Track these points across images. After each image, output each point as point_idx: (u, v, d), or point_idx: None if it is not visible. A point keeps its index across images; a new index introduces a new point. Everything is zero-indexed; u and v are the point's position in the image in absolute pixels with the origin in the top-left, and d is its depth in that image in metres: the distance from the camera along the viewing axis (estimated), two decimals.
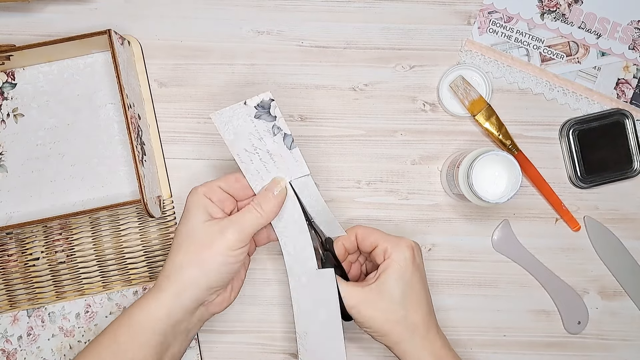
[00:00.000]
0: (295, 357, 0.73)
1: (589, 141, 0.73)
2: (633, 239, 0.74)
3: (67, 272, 0.73)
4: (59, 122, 0.72)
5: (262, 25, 0.74)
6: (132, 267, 0.73)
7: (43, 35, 0.73)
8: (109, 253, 0.73)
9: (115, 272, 0.73)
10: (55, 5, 0.73)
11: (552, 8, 0.73)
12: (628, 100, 0.74)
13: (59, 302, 0.72)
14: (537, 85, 0.74)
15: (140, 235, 0.73)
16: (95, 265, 0.73)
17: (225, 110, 0.62)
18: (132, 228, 0.73)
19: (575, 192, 0.74)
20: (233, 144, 0.62)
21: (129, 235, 0.73)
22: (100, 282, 0.73)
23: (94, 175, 0.72)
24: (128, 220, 0.73)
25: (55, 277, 0.73)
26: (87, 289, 0.73)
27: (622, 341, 0.74)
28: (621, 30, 0.73)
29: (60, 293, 0.73)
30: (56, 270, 0.72)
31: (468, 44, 0.74)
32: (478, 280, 0.74)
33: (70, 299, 0.72)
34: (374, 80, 0.74)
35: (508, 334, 0.73)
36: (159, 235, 0.73)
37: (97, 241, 0.73)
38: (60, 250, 0.73)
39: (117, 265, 0.73)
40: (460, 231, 0.74)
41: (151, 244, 0.73)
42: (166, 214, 0.73)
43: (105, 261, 0.73)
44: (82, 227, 0.73)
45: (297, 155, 0.62)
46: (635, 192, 0.74)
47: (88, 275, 0.73)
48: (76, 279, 0.73)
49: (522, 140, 0.74)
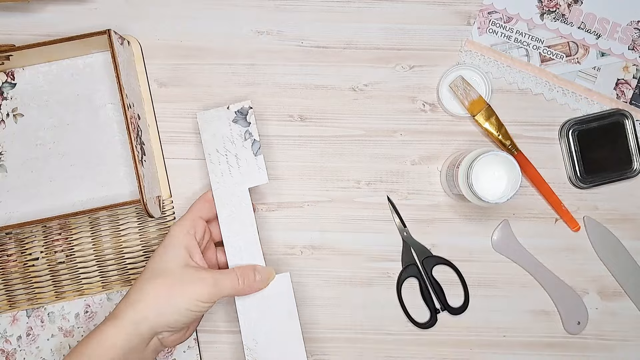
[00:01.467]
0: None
1: (589, 141, 0.73)
2: (632, 239, 0.74)
3: (66, 272, 0.73)
4: (58, 122, 0.72)
5: (262, 25, 0.74)
6: (131, 267, 0.73)
7: (43, 35, 0.73)
8: (108, 253, 0.73)
9: (114, 272, 0.73)
10: (55, 5, 0.73)
11: (552, 8, 0.74)
12: (628, 101, 0.74)
13: (58, 302, 0.72)
14: (537, 86, 0.74)
15: (140, 235, 0.73)
16: (95, 265, 0.73)
17: (210, 112, 0.67)
18: (131, 228, 0.73)
19: (574, 192, 0.74)
20: (208, 143, 0.66)
21: (128, 235, 0.73)
22: (99, 282, 0.73)
23: (94, 175, 0.72)
24: (127, 221, 0.73)
25: (55, 277, 0.73)
26: (86, 289, 0.73)
27: (621, 341, 0.74)
28: (621, 31, 0.73)
29: (60, 293, 0.73)
30: (56, 270, 0.72)
31: (468, 44, 0.74)
32: (478, 281, 0.74)
33: (70, 299, 0.72)
34: (374, 80, 0.74)
35: (508, 334, 0.73)
36: (158, 235, 0.73)
37: (96, 241, 0.73)
38: (59, 250, 0.73)
39: (117, 265, 0.73)
40: (459, 231, 0.74)
41: (150, 244, 0.73)
42: (166, 214, 0.73)
43: (105, 261, 0.73)
44: (82, 227, 0.73)
45: (261, 163, 0.66)
46: (635, 193, 0.74)
47: (87, 275, 0.73)
48: (76, 279, 0.73)
49: (521, 141, 0.74)
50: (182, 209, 0.73)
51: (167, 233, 0.63)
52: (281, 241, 0.73)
